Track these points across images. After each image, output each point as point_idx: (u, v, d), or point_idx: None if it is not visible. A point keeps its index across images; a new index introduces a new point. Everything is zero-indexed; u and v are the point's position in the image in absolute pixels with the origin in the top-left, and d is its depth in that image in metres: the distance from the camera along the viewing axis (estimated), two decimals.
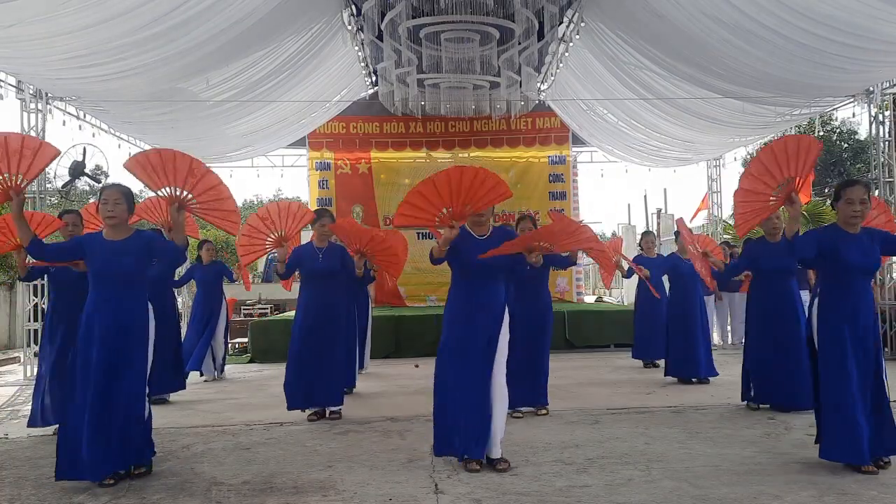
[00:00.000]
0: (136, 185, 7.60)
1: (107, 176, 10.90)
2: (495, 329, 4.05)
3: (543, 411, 5.53)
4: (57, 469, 3.75)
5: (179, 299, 10.14)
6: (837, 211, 4.04)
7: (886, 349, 8.82)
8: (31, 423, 5.10)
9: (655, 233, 18.06)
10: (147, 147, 11.26)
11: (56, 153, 4.08)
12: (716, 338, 9.55)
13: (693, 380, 6.94)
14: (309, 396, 5.48)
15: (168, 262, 5.14)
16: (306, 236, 6.29)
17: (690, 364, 6.92)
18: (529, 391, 5.44)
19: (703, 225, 15.41)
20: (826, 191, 25.12)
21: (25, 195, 4.03)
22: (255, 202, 45.27)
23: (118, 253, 3.88)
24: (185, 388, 6.68)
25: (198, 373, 7.80)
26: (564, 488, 3.64)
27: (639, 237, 9.63)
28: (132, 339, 3.86)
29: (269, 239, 5.62)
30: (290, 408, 5.49)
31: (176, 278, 7.43)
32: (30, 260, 4.95)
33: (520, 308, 5.14)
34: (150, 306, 3.98)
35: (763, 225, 5.52)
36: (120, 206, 3.91)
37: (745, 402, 5.65)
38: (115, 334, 3.81)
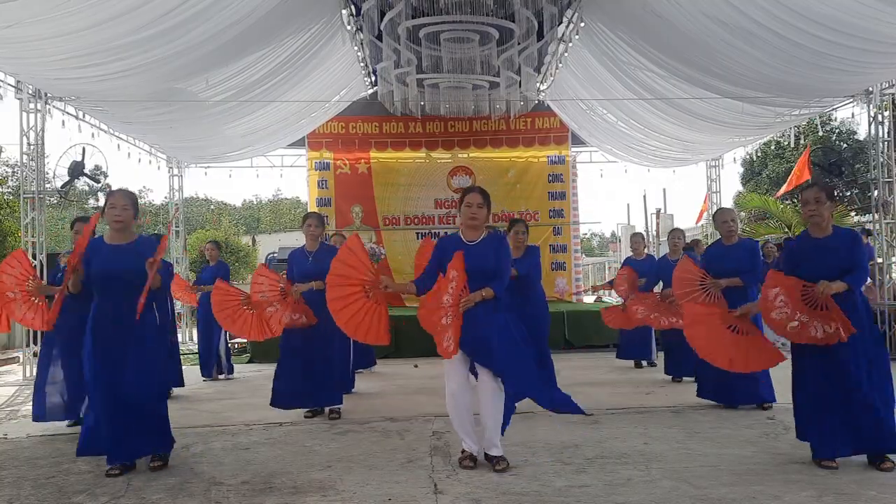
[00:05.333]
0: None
1: (105, 176, 10.90)
2: (487, 332, 3.96)
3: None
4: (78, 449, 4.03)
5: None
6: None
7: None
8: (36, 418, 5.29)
9: (654, 233, 18.12)
10: (146, 147, 11.29)
11: None
12: None
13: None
14: (301, 396, 5.54)
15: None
16: None
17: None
18: None
19: (702, 225, 15.42)
20: None
21: None
22: (255, 202, 45.14)
23: (121, 255, 3.99)
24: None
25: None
26: (563, 488, 3.64)
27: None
28: (135, 336, 3.97)
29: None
30: (274, 404, 5.54)
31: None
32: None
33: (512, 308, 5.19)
34: (153, 304, 4.09)
35: (718, 228, 5.67)
36: (127, 210, 4.06)
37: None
38: (118, 332, 3.92)
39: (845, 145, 25.20)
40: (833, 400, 3.90)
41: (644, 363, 8.22)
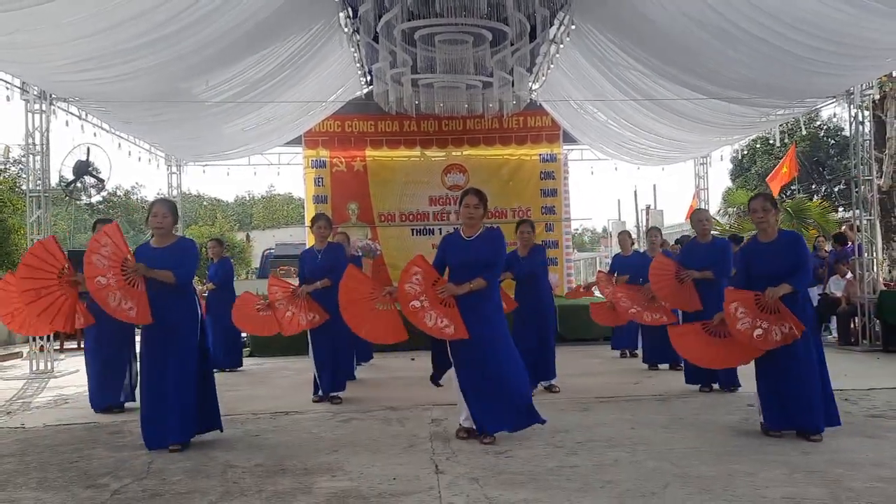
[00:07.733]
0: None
1: (99, 171, 11.07)
2: (482, 325, 4.45)
3: (557, 389, 6.25)
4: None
5: None
6: None
7: (865, 341, 9.15)
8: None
9: (644, 228, 18.45)
10: (146, 146, 11.49)
11: None
12: None
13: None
14: (330, 385, 6.09)
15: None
16: None
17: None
18: (543, 369, 6.22)
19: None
20: (812, 187, 25.51)
21: None
22: (248, 198, 45.14)
23: (160, 257, 4.48)
24: None
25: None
26: (555, 468, 3.92)
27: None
28: (175, 328, 4.47)
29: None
30: (318, 397, 6.11)
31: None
32: None
33: (522, 302, 6.21)
34: (195, 299, 4.65)
35: (694, 227, 6.30)
36: (167, 218, 4.56)
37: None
38: (161, 325, 4.42)
39: (833, 141, 25.55)
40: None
41: (627, 352, 8.72)
